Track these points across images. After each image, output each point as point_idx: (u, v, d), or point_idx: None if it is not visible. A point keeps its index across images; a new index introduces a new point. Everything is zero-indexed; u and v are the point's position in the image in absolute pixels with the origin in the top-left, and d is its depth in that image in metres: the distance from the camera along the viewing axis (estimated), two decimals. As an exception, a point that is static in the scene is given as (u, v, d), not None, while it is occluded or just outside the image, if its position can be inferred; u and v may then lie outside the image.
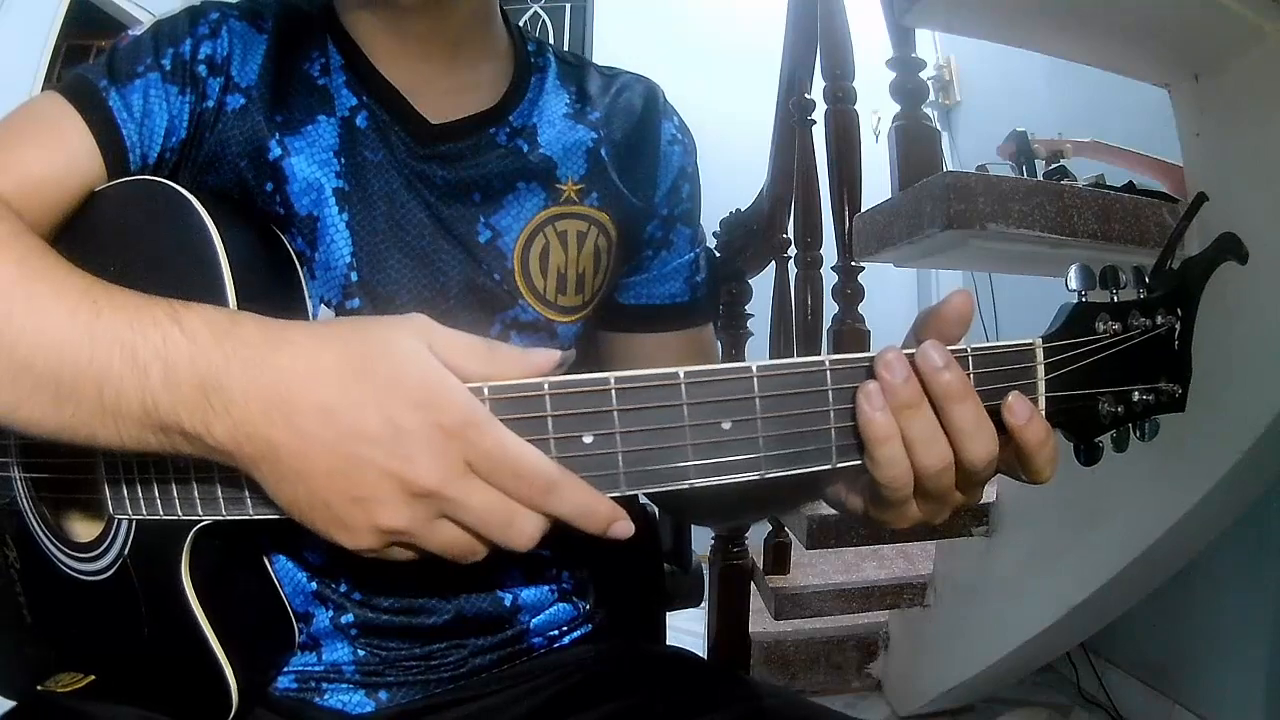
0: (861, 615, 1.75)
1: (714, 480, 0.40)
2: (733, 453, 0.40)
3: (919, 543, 1.70)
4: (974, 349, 0.41)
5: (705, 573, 1.36)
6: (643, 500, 0.75)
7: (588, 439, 0.39)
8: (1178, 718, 1.56)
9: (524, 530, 0.38)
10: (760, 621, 1.71)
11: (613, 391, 0.39)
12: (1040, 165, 1.67)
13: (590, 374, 0.39)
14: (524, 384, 0.39)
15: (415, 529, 0.38)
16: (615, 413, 0.39)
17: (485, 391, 0.39)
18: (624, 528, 0.39)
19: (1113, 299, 0.42)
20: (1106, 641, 1.71)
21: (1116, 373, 0.42)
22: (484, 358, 0.39)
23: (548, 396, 0.39)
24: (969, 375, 0.41)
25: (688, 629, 1.64)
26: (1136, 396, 0.43)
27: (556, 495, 0.38)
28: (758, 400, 0.40)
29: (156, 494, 0.48)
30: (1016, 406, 0.40)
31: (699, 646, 1.63)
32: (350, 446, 0.37)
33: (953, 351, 0.40)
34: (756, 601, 1.67)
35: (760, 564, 1.69)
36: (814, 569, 1.72)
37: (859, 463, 0.41)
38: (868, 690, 1.83)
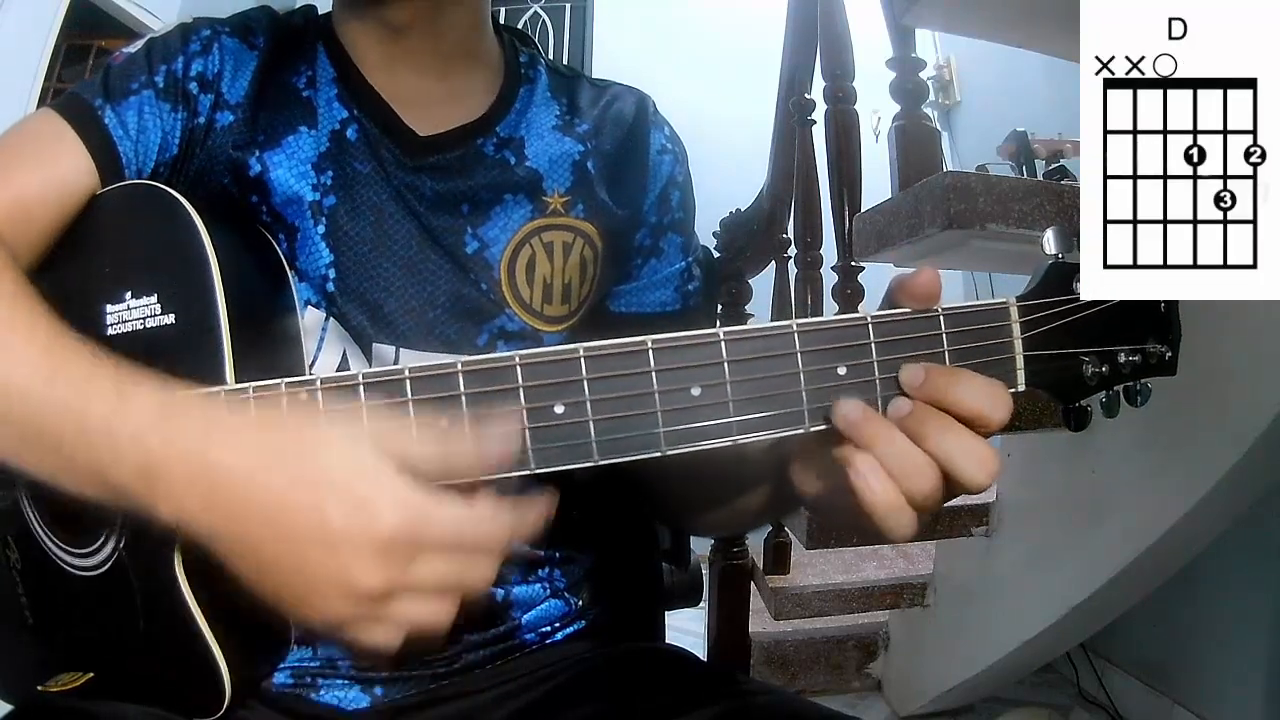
0: (861, 615, 1.74)
1: (686, 448, 0.40)
2: (703, 419, 0.40)
3: (919, 543, 1.70)
4: (945, 309, 0.41)
5: (705, 573, 1.36)
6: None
7: (559, 409, 0.40)
8: (1178, 718, 1.55)
9: (484, 577, 0.39)
10: (760, 621, 1.71)
11: (581, 361, 0.40)
12: (1040, 165, 1.68)
13: (558, 346, 0.40)
14: (495, 357, 0.40)
15: (365, 618, 0.38)
16: (585, 381, 0.39)
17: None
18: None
19: None
20: (1106, 641, 1.71)
21: (1100, 333, 0.41)
22: (436, 438, 0.39)
23: (519, 367, 0.40)
24: (941, 335, 0.40)
25: (688, 629, 1.63)
26: (1123, 358, 0.42)
27: (513, 537, 0.39)
28: (726, 365, 0.40)
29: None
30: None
31: (699, 646, 1.63)
32: (290, 546, 0.38)
33: (924, 312, 0.40)
34: (756, 601, 1.67)
35: (760, 564, 1.69)
36: (814, 569, 1.72)
37: (827, 428, 0.40)
38: (868, 690, 1.83)
